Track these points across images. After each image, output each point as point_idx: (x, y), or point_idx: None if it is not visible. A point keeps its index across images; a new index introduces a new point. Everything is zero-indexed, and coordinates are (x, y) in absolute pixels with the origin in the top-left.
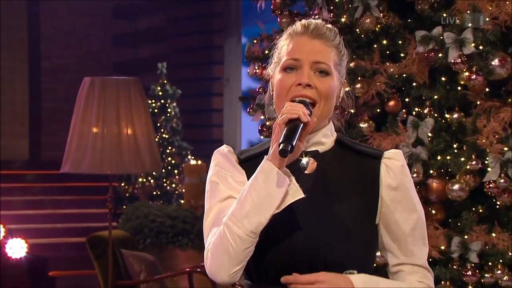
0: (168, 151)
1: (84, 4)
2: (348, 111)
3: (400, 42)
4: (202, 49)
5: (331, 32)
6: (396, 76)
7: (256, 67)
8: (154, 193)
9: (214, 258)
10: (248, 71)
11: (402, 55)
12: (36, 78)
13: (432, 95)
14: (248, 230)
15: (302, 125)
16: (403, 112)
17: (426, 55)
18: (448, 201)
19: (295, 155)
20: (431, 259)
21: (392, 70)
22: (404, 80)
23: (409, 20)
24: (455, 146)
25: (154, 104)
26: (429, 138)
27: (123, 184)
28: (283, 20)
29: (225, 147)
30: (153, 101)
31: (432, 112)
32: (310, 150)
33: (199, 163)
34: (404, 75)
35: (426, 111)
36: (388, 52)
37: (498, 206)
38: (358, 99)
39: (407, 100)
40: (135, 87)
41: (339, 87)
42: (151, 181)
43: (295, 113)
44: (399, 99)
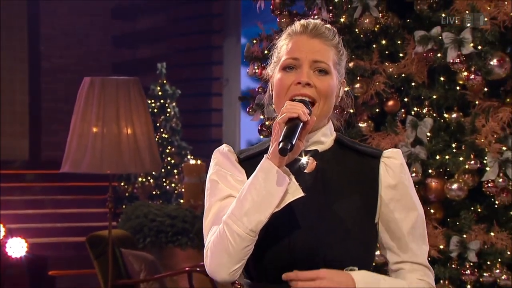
0: (167, 150)
1: (84, 4)
2: (347, 111)
3: (399, 42)
4: (202, 49)
5: (330, 31)
6: (395, 76)
7: (256, 67)
8: (154, 192)
9: (213, 257)
10: (248, 71)
11: (401, 55)
12: (36, 78)
13: (431, 95)
14: (248, 229)
15: (302, 124)
16: (402, 111)
17: (425, 55)
18: (447, 200)
19: (295, 154)
20: (430, 258)
21: (391, 70)
22: (403, 80)
23: (408, 20)
24: (453, 145)
25: (153, 104)
26: (428, 138)
27: (122, 184)
28: (282, 20)
29: (225, 146)
30: (152, 101)
31: (431, 112)
32: (309, 149)
33: (199, 162)
34: (403, 75)
35: (425, 111)
36: (387, 52)
37: (496, 206)
38: (357, 99)
39: (406, 100)
40: (134, 87)
41: (338, 86)
42: (151, 180)
43: (295, 112)
44: (398, 99)
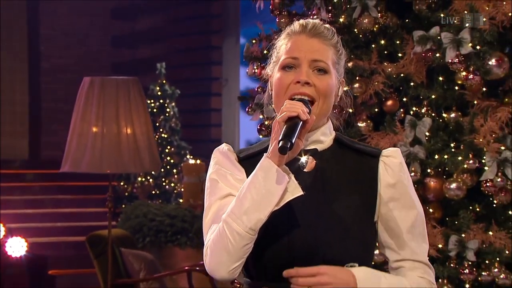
0: (167, 150)
1: (84, 5)
2: (346, 111)
3: (398, 42)
4: (201, 49)
5: (329, 31)
6: (394, 76)
7: (255, 67)
8: (153, 192)
9: (213, 255)
10: (247, 71)
11: (400, 55)
12: (36, 78)
13: (429, 95)
14: (247, 227)
15: (301, 123)
16: (401, 111)
17: (423, 55)
18: (446, 199)
19: (294, 152)
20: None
21: (390, 70)
22: (402, 79)
23: (406, 20)
24: (452, 145)
25: (153, 104)
26: (426, 137)
27: (122, 184)
28: (281, 20)
29: (224, 145)
30: (152, 101)
31: (430, 112)
32: (309, 148)
33: (198, 162)
34: (402, 75)
35: (423, 111)
36: (386, 52)
37: (495, 205)
38: (356, 99)
39: (404, 99)
40: (134, 87)
41: (337, 85)
42: (150, 180)
43: (295, 111)
44: (397, 98)
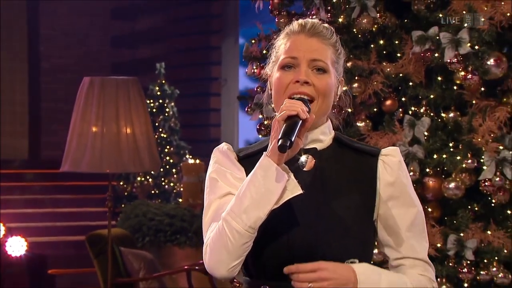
0: (166, 150)
1: (84, 5)
2: (345, 110)
3: (396, 42)
4: (200, 49)
5: (327, 30)
6: (393, 75)
7: (254, 67)
8: (153, 192)
9: (213, 253)
10: (246, 70)
11: (399, 55)
12: (36, 78)
13: (428, 95)
14: (247, 225)
15: (300, 121)
16: (400, 111)
17: (422, 55)
18: (444, 199)
19: (294, 151)
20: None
21: (388, 69)
22: (400, 79)
23: (405, 20)
24: (451, 145)
25: (152, 104)
26: (425, 137)
27: (121, 183)
28: (281, 21)
29: (224, 144)
30: (151, 101)
31: (428, 111)
32: (308, 147)
33: (197, 162)
34: (400, 75)
35: (422, 110)
36: (384, 52)
37: (493, 204)
38: (355, 99)
39: (403, 99)
40: (134, 87)
41: (336, 84)
42: (150, 180)
43: (294, 109)
44: (396, 98)
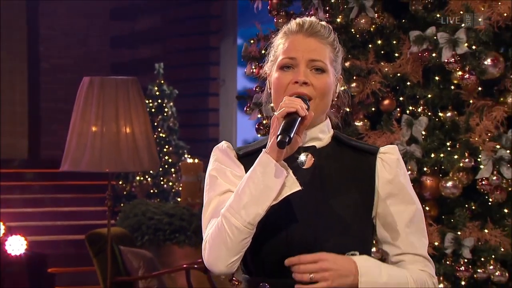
0: (165, 150)
1: (83, 5)
2: (343, 109)
3: (394, 42)
4: (199, 50)
5: (325, 29)
6: (391, 75)
7: (253, 67)
8: (151, 191)
9: (212, 249)
10: (245, 70)
11: (397, 54)
12: (36, 78)
13: (426, 94)
14: (246, 221)
15: (299, 119)
16: (398, 110)
17: (420, 54)
18: (442, 198)
19: (293, 148)
20: None
21: (386, 69)
22: (398, 79)
23: (403, 20)
24: (448, 144)
25: (151, 104)
26: (423, 136)
27: (120, 183)
28: (279, 21)
29: (224, 143)
30: (150, 101)
31: (426, 111)
32: (307, 145)
33: (196, 161)
34: (398, 75)
35: (420, 110)
36: (382, 52)
37: (490, 203)
38: (354, 98)
39: (401, 99)
40: (133, 87)
41: (335, 83)
42: (148, 179)
43: (293, 107)
44: (394, 98)
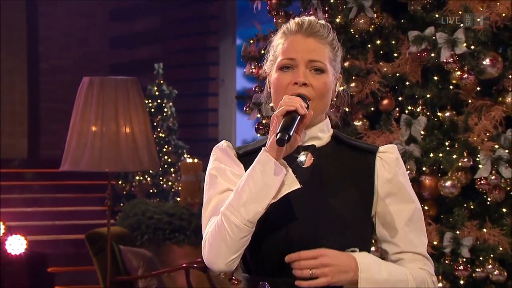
0: (164, 149)
1: (83, 6)
2: (342, 109)
3: (393, 42)
4: (198, 50)
5: (324, 29)
6: (390, 75)
7: (253, 67)
8: (151, 191)
9: (211, 247)
10: (245, 70)
11: (396, 54)
12: (35, 79)
13: (424, 94)
14: (245, 219)
15: (299, 117)
16: (397, 110)
17: (418, 54)
18: (441, 197)
19: (292, 147)
20: None
21: (385, 69)
22: (397, 79)
23: (402, 20)
24: (447, 143)
25: (151, 104)
26: (421, 136)
27: (120, 182)
28: (279, 21)
29: (224, 142)
30: (149, 101)
31: (425, 111)
32: (306, 144)
33: (195, 161)
34: (397, 75)
35: (419, 110)
36: (381, 52)
37: (489, 202)
38: (353, 98)
39: (400, 98)
40: (133, 87)
41: (334, 82)
42: (148, 179)
43: (293, 105)
44: (393, 98)
